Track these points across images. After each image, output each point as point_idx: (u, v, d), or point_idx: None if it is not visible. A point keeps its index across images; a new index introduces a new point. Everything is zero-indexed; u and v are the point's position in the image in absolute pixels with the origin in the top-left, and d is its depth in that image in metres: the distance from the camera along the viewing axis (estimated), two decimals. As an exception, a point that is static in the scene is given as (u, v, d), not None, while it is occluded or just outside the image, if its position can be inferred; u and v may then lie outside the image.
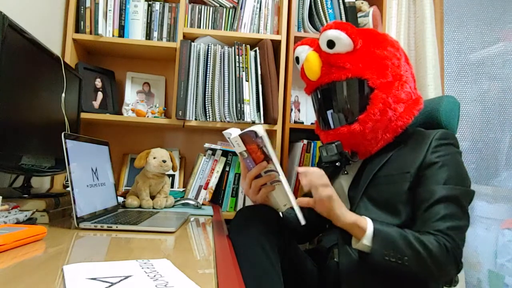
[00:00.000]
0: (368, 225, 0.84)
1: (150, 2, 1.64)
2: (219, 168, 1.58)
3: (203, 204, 1.46)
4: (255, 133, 0.79)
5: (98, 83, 1.66)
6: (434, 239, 0.81)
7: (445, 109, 1.04)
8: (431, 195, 0.85)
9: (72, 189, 0.86)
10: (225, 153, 1.58)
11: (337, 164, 1.03)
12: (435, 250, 0.79)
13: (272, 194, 0.93)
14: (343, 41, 0.95)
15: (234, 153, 1.59)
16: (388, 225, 0.85)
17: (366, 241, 0.83)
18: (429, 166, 0.89)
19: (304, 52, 1.06)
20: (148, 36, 1.63)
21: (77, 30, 1.57)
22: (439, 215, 0.83)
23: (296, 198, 0.86)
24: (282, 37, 1.61)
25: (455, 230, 0.82)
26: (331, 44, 0.96)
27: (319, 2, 1.65)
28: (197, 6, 1.65)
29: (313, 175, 0.85)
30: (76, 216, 0.85)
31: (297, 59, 1.10)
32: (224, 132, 0.93)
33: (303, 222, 0.83)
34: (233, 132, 0.87)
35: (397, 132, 0.96)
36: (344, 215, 0.85)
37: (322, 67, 1.00)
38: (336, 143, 0.96)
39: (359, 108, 0.96)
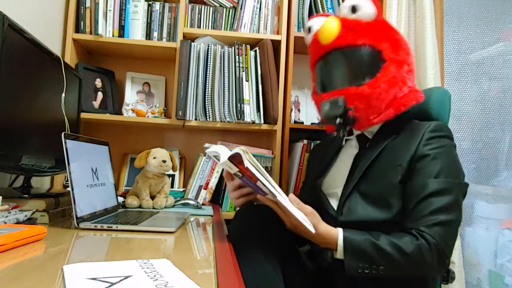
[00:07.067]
0: (339, 239, 0.84)
1: (150, 2, 1.64)
2: (219, 168, 1.57)
3: (203, 204, 1.46)
4: (238, 153, 0.75)
5: (98, 83, 1.66)
6: (412, 239, 0.80)
7: (435, 101, 1.03)
8: (422, 189, 0.84)
9: (72, 189, 0.86)
10: (225, 153, 1.58)
11: (337, 121, 0.97)
12: (411, 251, 0.79)
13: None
14: (367, 8, 0.96)
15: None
16: (360, 233, 0.84)
17: (340, 255, 0.84)
18: (421, 158, 0.87)
19: (319, 21, 1.04)
20: (148, 36, 1.63)
21: (77, 30, 1.57)
22: (428, 209, 0.82)
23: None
24: (282, 37, 1.61)
25: (443, 226, 0.81)
26: (354, 9, 0.97)
27: (319, 2, 1.65)
28: (197, 6, 1.65)
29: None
30: (76, 216, 0.85)
31: (309, 29, 1.07)
32: (208, 151, 0.90)
33: (313, 230, 0.81)
34: (221, 153, 0.82)
35: (398, 110, 0.95)
36: (315, 238, 0.85)
37: (340, 29, 0.99)
38: (341, 97, 0.94)
39: (369, 75, 0.95)
